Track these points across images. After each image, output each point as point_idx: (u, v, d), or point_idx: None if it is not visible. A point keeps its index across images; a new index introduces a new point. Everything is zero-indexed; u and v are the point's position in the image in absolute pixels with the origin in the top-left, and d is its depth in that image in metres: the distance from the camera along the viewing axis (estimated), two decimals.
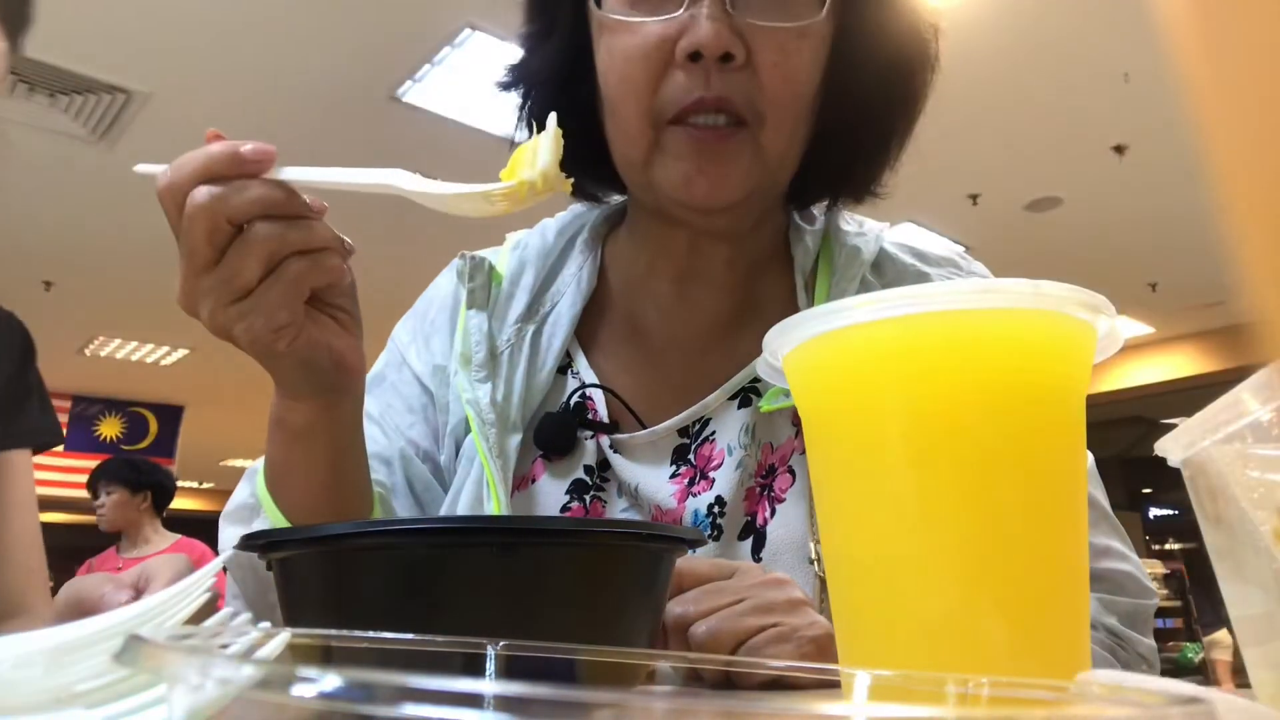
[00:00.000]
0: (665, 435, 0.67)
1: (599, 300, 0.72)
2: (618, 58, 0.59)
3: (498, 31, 3.26)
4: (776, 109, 0.59)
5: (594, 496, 0.67)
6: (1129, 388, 7.03)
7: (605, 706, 0.12)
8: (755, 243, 0.70)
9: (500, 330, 0.69)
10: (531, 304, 0.71)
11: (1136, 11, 3.05)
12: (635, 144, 0.61)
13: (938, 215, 4.89)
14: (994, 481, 0.34)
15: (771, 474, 0.65)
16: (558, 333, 0.69)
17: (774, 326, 0.38)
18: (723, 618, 0.50)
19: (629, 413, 0.68)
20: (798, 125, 0.61)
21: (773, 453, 0.65)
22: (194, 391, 7.78)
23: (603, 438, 0.67)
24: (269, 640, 0.25)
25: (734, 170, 0.59)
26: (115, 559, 3.56)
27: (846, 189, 0.69)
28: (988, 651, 0.33)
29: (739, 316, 0.70)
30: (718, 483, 0.65)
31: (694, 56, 0.56)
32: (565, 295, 0.71)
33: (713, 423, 0.67)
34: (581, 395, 0.68)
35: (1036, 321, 0.34)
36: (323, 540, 0.42)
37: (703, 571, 0.54)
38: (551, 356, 0.68)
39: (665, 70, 0.58)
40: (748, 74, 0.57)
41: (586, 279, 0.71)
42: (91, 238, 4.89)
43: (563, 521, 0.64)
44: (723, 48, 0.55)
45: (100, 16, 3.13)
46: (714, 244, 0.68)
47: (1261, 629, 0.38)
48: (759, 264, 0.71)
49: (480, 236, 0.77)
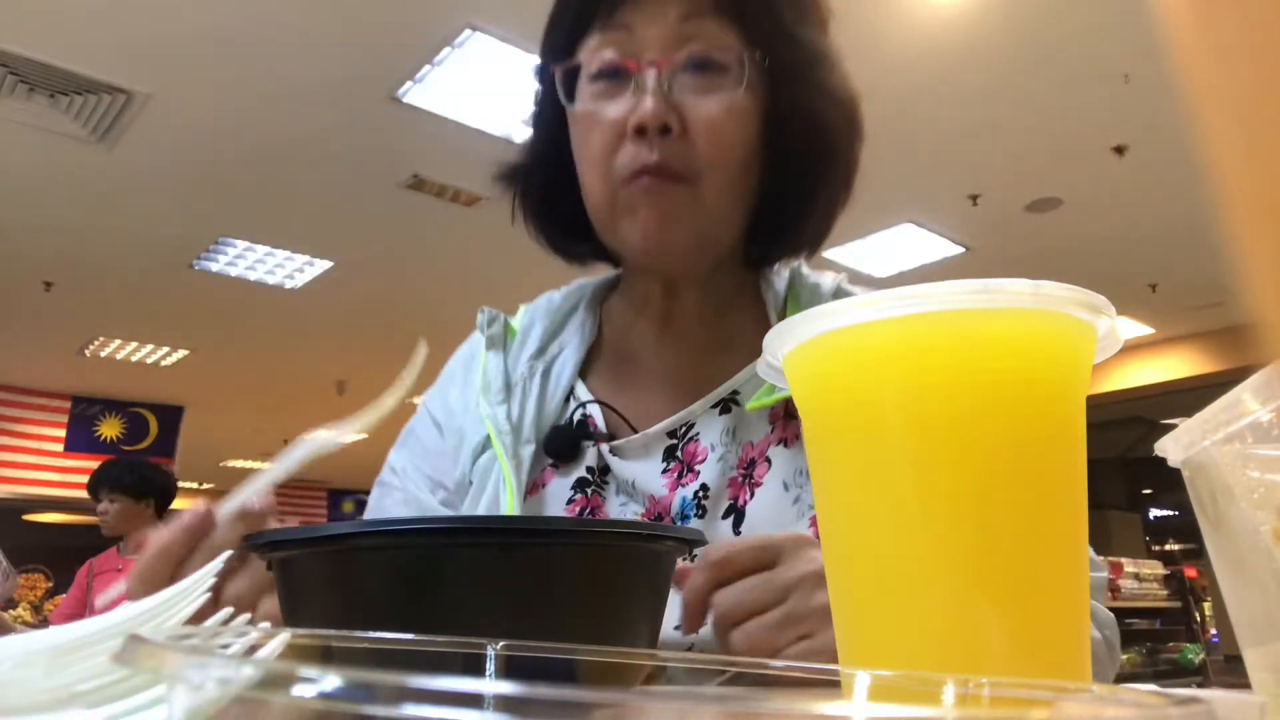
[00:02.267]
0: (656, 437, 0.78)
1: (597, 345, 0.86)
2: (584, 138, 0.74)
3: (498, 32, 3.26)
4: (711, 169, 0.71)
5: (594, 490, 0.77)
6: (1129, 388, 7.03)
7: (605, 706, 0.12)
8: (719, 289, 0.82)
9: (515, 367, 0.83)
10: (542, 347, 0.84)
11: (1136, 12, 3.05)
12: (601, 205, 0.74)
13: (938, 215, 4.89)
14: (994, 481, 0.34)
15: (751, 466, 0.76)
16: (565, 370, 0.83)
17: (774, 327, 0.38)
18: (762, 630, 0.54)
19: (624, 423, 0.79)
20: (733, 182, 0.73)
21: (752, 449, 0.76)
22: (194, 392, 7.78)
23: (602, 445, 0.78)
24: (269, 640, 0.25)
25: (679, 215, 0.72)
26: (116, 559, 3.56)
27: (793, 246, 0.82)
28: (988, 651, 0.33)
29: (717, 346, 0.82)
30: (702, 474, 0.76)
31: (640, 130, 0.70)
32: (570, 343, 0.85)
33: (697, 426, 0.78)
34: (583, 413, 0.80)
35: (1036, 322, 0.34)
36: (323, 540, 0.42)
37: (745, 564, 0.57)
38: (560, 390, 0.81)
39: (619, 144, 0.72)
40: (684, 142, 0.71)
41: (589, 330, 0.86)
42: (91, 238, 4.89)
43: (563, 522, 0.64)
44: (660, 120, 0.69)
45: (101, 17, 3.13)
46: (686, 290, 0.81)
47: (1261, 630, 0.38)
48: (731, 304, 0.84)
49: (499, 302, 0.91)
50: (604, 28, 0.73)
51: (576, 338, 0.84)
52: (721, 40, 0.71)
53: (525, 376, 0.81)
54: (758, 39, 0.72)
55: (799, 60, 0.74)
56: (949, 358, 0.34)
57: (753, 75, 0.72)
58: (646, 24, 0.71)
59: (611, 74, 0.72)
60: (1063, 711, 0.22)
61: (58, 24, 3.15)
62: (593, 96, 0.73)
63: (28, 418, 7.45)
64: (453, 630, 0.28)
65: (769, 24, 0.72)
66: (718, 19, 0.71)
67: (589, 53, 0.73)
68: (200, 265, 5.26)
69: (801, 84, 0.74)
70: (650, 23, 0.71)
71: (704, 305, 0.82)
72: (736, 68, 0.71)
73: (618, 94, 0.72)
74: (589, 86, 0.74)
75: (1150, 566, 6.56)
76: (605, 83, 0.73)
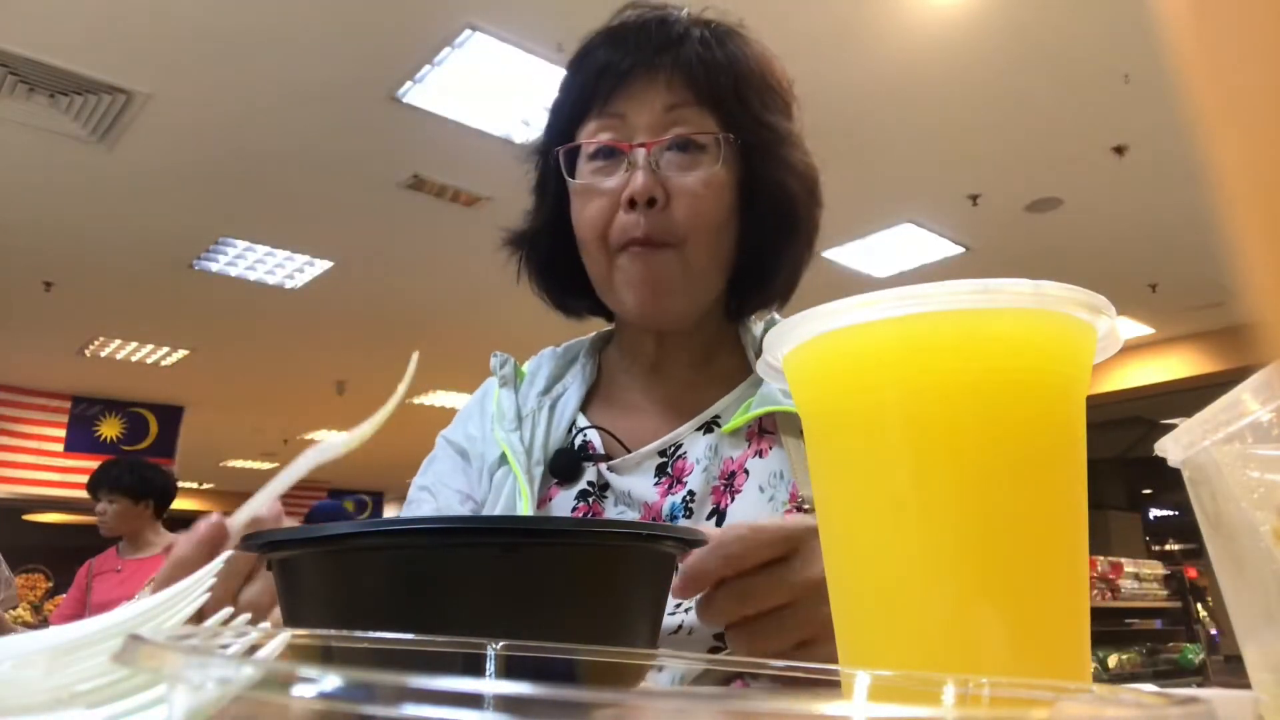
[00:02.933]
0: (648, 455, 0.88)
1: (596, 385, 0.98)
2: (584, 209, 0.85)
3: (498, 32, 3.26)
4: (693, 234, 0.82)
5: (595, 500, 0.88)
6: (1129, 388, 7.03)
7: (605, 706, 0.12)
8: (704, 337, 0.94)
9: (525, 403, 0.94)
10: (548, 387, 0.96)
11: (1136, 12, 3.05)
12: (599, 268, 0.85)
13: (938, 215, 4.89)
14: (994, 481, 0.34)
15: (732, 477, 0.86)
16: (569, 405, 0.93)
17: (774, 328, 0.38)
18: (767, 634, 0.56)
19: (619, 445, 0.90)
20: (712, 245, 0.84)
21: (732, 463, 0.86)
22: (194, 392, 7.78)
23: (601, 465, 0.88)
24: (269, 640, 0.25)
25: (666, 275, 0.82)
26: (115, 560, 3.56)
27: (766, 298, 0.93)
28: (987, 651, 0.33)
29: (701, 384, 0.93)
30: (689, 484, 0.85)
31: (632, 202, 0.81)
32: (573, 385, 0.96)
33: (684, 445, 0.88)
34: (584, 438, 0.90)
35: (1037, 322, 0.34)
36: (323, 540, 0.42)
37: (760, 559, 0.57)
38: (565, 420, 0.92)
39: (614, 213, 0.82)
40: (668, 212, 0.82)
41: (589, 374, 0.97)
42: (91, 238, 4.89)
43: (563, 521, 0.65)
44: (649, 194, 0.80)
45: (101, 17, 3.13)
46: (674, 340, 0.92)
47: (1261, 630, 0.38)
48: (714, 351, 0.95)
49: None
50: (600, 114, 0.84)
51: (578, 379, 0.96)
52: (701, 125, 0.83)
53: (535, 410, 0.92)
54: (731, 124, 0.84)
55: (767, 141, 0.85)
56: (949, 358, 0.34)
57: (728, 153, 0.83)
58: (637, 112, 0.83)
59: (607, 153, 0.84)
60: (1063, 711, 0.22)
61: (58, 24, 3.15)
62: (591, 172, 0.84)
63: (28, 418, 7.46)
64: (453, 630, 0.28)
65: (741, 112, 0.84)
66: (699, 108, 0.83)
67: (587, 134, 0.85)
68: (200, 265, 5.26)
69: (770, 160, 0.86)
70: (640, 111, 0.83)
71: (690, 352, 0.93)
72: (714, 147, 0.83)
73: (612, 171, 0.83)
74: (587, 164, 0.85)
75: (1150, 566, 6.55)
76: (601, 161, 0.84)
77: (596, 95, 0.84)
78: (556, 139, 0.88)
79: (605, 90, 0.84)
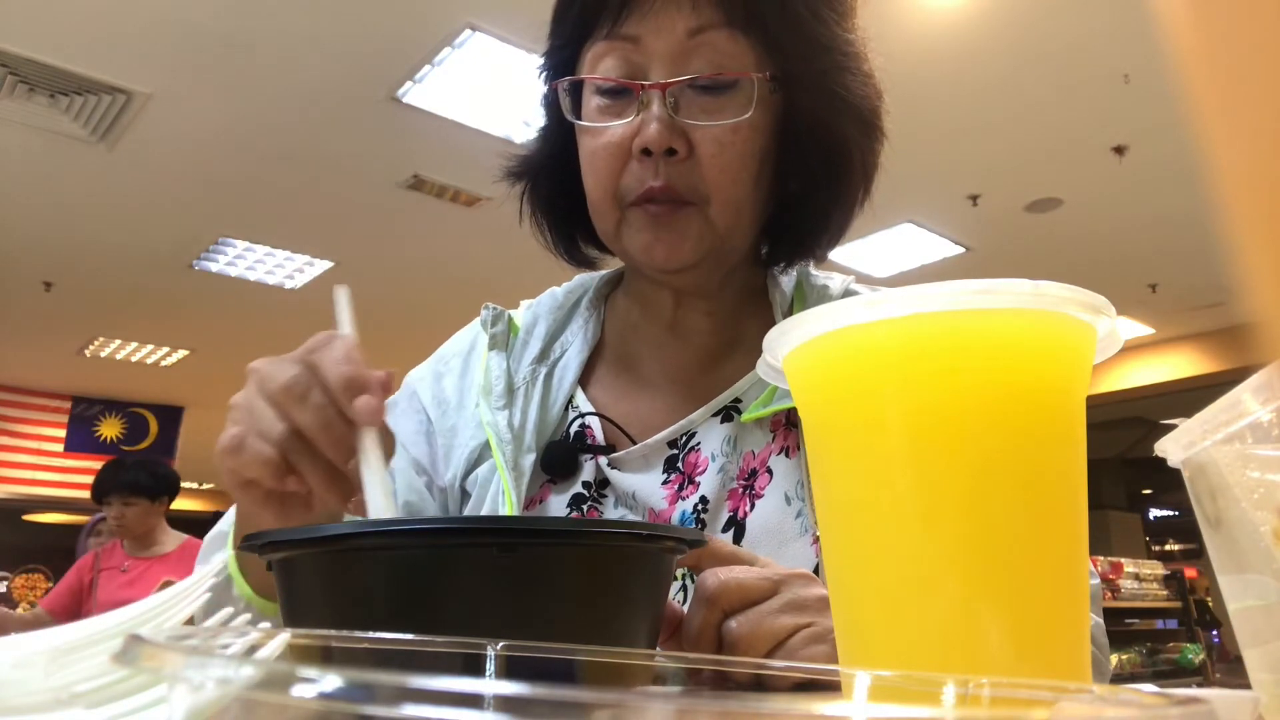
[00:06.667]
0: (656, 447, 0.76)
1: (600, 345, 0.84)
2: (589, 155, 0.73)
3: (498, 32, 3.26)
4: (719, 190, 0.70)
5: (591, 505, 0.76)
6: (1129, 388, 7.03)
7: (605, 706, 0.12)
8: (731, 294, 0.81)
9: (517, 369, 0.80)
10: (544, 349, 0.82)
11: (1136, 12, 3.05)
12: (606, 220, 0.73)
13: (938, 215, 4.89)
14: (994, 481, 0.34)
15: (753, 476, 0.74)
16: (567, 374, 0.80)
17: (774, 328, 0.38)
18: (760, 616, 0.51)
19: (623, 435, 0.78)
20: (742, 202, 0.72)
21: (754, 459, 0.75)
22: (194, 392, 7.78)
23: (600, 459, 0.76)
24: (269, 640, 0.25)
25: (685, 238, 0.70)
26: (122, 558, 3.54)
27: (807, 250, 0.80)
28: (987, 651, 0.33)
29: (723, 350, 0.81)
30: (703, 486, 0.74)
31: (645, 151, 0.68)
32: (574, 344, 0.83)
33: (698, 435, 0.76)
34: (581, 425, 0.78)
35: (1036, 322, 0.34)
36: (323, 540, 0.42)
37: (726, 554, 0.55)
38: (562, 394, 0.80)
39: (625, 163, 0.70)
40: (690, 164, 0.69)
41: (592, 330, 0.83)
42: (91, 238, 4.89)
43: (563, 522, 0.64)
44: (665, 144, 0.67)
45: (101, 17, 3.13)
46: (693, 299, 0.80)
47: (1262, 629, 0.38)
48: (739, 308, 0.82)
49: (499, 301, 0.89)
50: (610, 35, 0.70)
51: (579, 338, 0.82)
52: (732, 55, 0.69)
53: (528, 381, 0.79)
54: (772, 50, 0.69)
55: (816, 70, 0.71)
56: (949, 358, 0.34)
57: (763, 92, 0.69)
58: (654, 36, 0.68)
59: (616, 92, 0.70)
60: (1063, 711, 0.22)
61: (58, 24, 3.15)
62: (598, 110, 0.72)
63: (28, 418, 7.46)
64: (453, 630, 0.28)
65: (785, 33, 0.69)
66: (729, 30, 0.68)
67: (593, 60, 0.71)
68: (200, 265, 5.26)
69: (819, 95, 0.71)
70: (658, 35, 0.68)
71: (712, 313, 0.81)
72: (746, 84, 0.69)
73: (622, 110, 0.70)
74: (593, 99, 0.72)
75: (1150, 566, 6.55)
76: (610, 99, 0.71)
77: (605, 11, 0.70)
78: (558, 66, 0.75)
79: (615, 6, 0.69)
